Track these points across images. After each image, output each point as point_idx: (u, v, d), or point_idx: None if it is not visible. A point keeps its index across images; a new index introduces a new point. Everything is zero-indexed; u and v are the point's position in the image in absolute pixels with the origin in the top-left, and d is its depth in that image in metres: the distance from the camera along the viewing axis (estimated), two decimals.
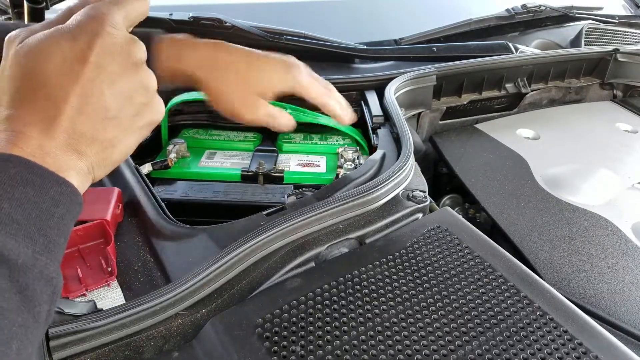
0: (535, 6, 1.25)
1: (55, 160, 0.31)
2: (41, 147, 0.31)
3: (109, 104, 0.34)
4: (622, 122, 1.02)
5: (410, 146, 0.65)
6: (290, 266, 0.52)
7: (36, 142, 0.31)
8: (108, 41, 0.33)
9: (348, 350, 0.42)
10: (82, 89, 0.32)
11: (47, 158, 0.31)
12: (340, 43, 1.06)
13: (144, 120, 0.37)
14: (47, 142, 0.31)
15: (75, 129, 0.32)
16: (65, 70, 0.32)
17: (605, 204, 0.74)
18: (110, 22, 0.34)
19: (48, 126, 0.31)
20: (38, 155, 0.31)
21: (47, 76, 0.32)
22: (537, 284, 0.50)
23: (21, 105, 0.31)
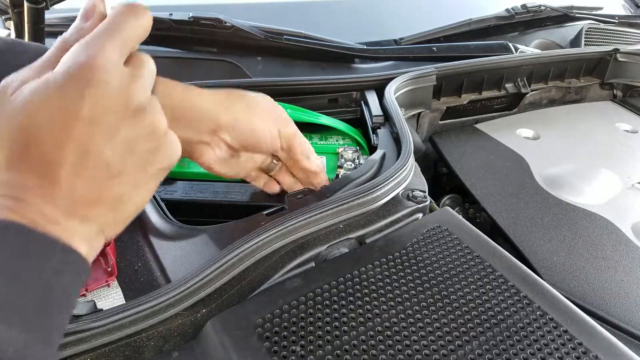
0: (535, 6, 1.25)
1: (58, 228, 0.28)
2: (42, 214, 0.28)
3: (109, 160, 0.30)
4: (622, 122, 1.02)
5: (410, 146, 0.65)
6: (290, 266, 0.52)
7: (36, 208, 0.28)
8: (101, 90, 0.29)
9: (348, 350, 0.42)
10: (78, 148, 0.29)
11: (49, 226, 0.28)
12: (340, 43, 1.06)
13: (155, 167, 0.33)
14: (48, 209, 0.28)
15: (76, 191, 0.29)
16: (57, 128, 0.28)
17: (605, 204, 0.74)
18: (102, 66, 0.29)
19: (47, 191, 0.28)
20: (40, 223, 0.28)
21: (41, 135, 0.28)
22: (537, 284, 0.50)
23: (18, 168, 0.28)
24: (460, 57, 1.02)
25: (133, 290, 0.48)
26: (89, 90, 0.29)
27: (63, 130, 0.28)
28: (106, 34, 0.30)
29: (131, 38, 0.32)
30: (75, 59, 0.29)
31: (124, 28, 0.31)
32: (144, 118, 0.32)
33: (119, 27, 0.31)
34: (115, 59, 0.30)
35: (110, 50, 0.30)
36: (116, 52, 0.30)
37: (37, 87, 0.29)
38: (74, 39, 0.32)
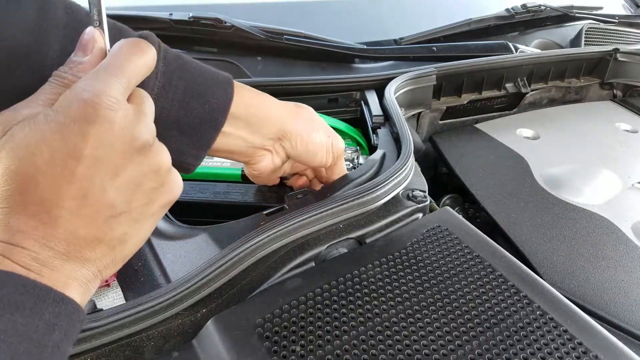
0: (535, 6, 1.25)
1: (54, 273, 0.27)
2: (37, 259, 0.26)
3: (113, 200, 0.29)
4: (622, 121, 1.02)
5: (410, 146, 0.65)
6: (290, 266, 0.52)
7: (31, 254, 0.26)
8: (105, 128, 0.28)
9: (348, 350, 0.42)
10: (79, 189, 0.27)
11: (43, 271, 0.27)
12: (340, 43, 1.06)
13: (158, 204, 0.32)
14: (43, 253, 0.27)
15: (75, 234, 0.28)
16: (57, 170, 0.27)
17: (605, 204, 0.74)
18: (106, 103, 0.28)
19: (43, 234, 0.27)
20: (34, 268, 0.26)
21: (37, 177, 0.27)
22: (537, 283, 0.50)
23: (12, 211, 0.27)
24: (460, 57, 1.02)
25: (133, 290, 0.48)
26: (93, 129, 0.27)
27: (63, 171, 0.27)
28: (111, 71, 0.29)
29: (135, 76, 0.31)
30: (78, 96, 0.28)
31: (129, 65, 0.30)
32: (149, 156, 0.31)
33: (124, 64, 0.30)
34: (120, 97, 0.29)
35: (115, 88, 0.29)
36: (121, 90, 0.29)
37: (35, 126, 0.27)
38: (71, 75, 0.31)
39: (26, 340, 0.24)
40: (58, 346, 0.25)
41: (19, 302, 0.24)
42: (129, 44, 0.31)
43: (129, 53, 0.31)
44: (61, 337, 0.26)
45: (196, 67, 0.42)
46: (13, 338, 0.23)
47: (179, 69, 0.40)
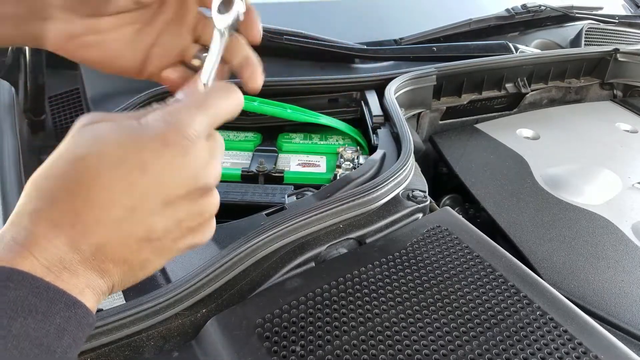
0: (535, 6, 1.25)
1: (73, 277, 0.26)
2: (62, 260, 0.25)
3: (155, 225, 0.28)
4: (622, 122, 1.02)
5: (411, 146, 0.65)
6: (290, 266, 0.52)
7: (56, 251, 0.25)
8: (178, 155, 0.28)
9: (348, 350, 0.42)
10: (131, 201, 0.27)
11: (64, 273, 0.26)
12: (340, 43, 1.06)
13: (186, 243, 0.31)
14: (69, 254, 0.26)
15: (107, 245, 0.27)
16: (119, 173, 0.26)
17: (605, 204, 0.74)
18: (187, 134, 0.28)
19: (76, 234, 0.26)
20: (55, 269, 0.25)
21: (99, 172, 0.26)
22: (537, 283, 0.50)
23: (53, 201, 0.26)
24: (460, 57, 1.02)
25: (133, 290, 0.48)
26: (168, 152, 0.27)
27: (125, 178, 0.27)
28: (200, 107, 0.30)
29: (220, 118, 0.31)
30: (165, 118, 0.28)
31: (217, 106, 0.31)
32: (204, 198, 0.30)
33: (214, 105, 0.30)
34: (201, 133, 0.29)
35: (199, 122, 0.29)
36: (204, 126, 0.29)
37: (115, 129, 0.27)
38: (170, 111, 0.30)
39: (37, 346, 0.23)
40: (66, 352, 0.25)
41: (32, 305, 0.24)
42: (219, 87, 0.32)
43: (218, 94, 0.31)
44: (70, 342, 0.25)
45: None
46: (25, 343, 0.23)
47: None
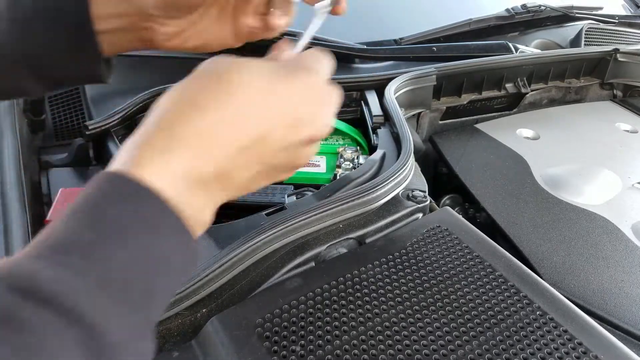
0: (535, 6, 1.25)
1: (202, 198, 0.27)
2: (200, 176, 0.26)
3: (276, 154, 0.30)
4: (622, 122, 1.02)
5: (410, 146, 0.65)
6: (290, 266, 0.52)
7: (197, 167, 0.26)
8: (319, 95, 0.32)
9: (348, 350, 0.42)
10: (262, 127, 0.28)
11: (197, 193, 0.27)
12: (340, 43, 1.06)
13: (280, 175, 0.34)
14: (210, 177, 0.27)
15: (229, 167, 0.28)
16: (259, 99, 0.28)
17: (605, 204, 0.74)
18: (324, 79, 0.33)
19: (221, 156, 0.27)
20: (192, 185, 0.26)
21: (246, 93, 0.28)
22: (537, 283, 0.50)
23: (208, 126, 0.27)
24: (460, 57, 1.02)
25: None
26: (310, 80, 0.31)
27: (266, 104, 0.29)
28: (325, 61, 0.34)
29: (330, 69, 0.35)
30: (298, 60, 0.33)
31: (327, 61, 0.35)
32: (316, 141, 0.33)
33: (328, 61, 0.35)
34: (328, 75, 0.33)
35: (326, 66, 0.34)
36: (328, 70, 0.34)
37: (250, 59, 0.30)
38: None
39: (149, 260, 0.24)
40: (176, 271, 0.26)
41: (151, 219, 0.24)
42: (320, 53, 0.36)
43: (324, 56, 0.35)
44: (178, 265, 0.26)
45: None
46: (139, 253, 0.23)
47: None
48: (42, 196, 0.63)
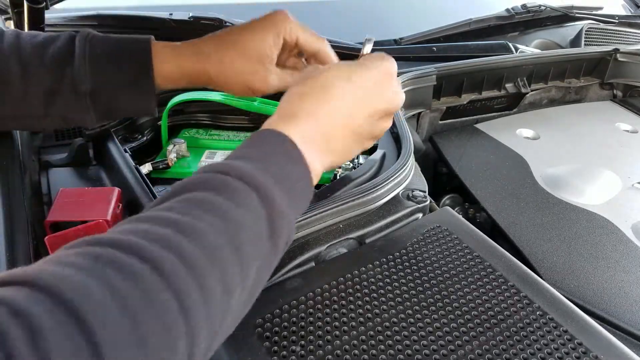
0: (535, 6, 1.25)
1: (314, 151, 0.41)
2: (313, 136, 0.41)
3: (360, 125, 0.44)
4: (622, 122, 1.02)
5: (410, 146, 0.65)
6: (290, 266, 0.52)
7: (311, 130, 0.41)
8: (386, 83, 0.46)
9: (348, 350, 0.42)
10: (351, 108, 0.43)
11: (312, 146, 0.40)
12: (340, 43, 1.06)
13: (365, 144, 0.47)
14: (319, 137, 0.41)
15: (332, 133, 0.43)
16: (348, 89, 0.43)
17: (605, 204, 0.74)
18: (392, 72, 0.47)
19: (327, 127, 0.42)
20: (308, 140, 0.40)
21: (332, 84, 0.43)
22: (537, 283, 0.50)
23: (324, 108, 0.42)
24: (460, 57, 1.02)
25: None
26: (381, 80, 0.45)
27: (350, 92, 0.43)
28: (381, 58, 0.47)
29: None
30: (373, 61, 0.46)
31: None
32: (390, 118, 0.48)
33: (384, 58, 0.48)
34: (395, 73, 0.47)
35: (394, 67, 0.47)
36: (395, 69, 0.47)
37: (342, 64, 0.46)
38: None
39: (290, 178, 0.38)
40: (302, 190, 0.39)
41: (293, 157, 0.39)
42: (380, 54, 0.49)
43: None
44: (302, 187, 0.39)
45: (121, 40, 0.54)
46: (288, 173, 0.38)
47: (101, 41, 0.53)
48: (42, 196, 0.63)
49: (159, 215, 0.30)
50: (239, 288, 0.31)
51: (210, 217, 0.31)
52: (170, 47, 0.54)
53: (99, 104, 0.54)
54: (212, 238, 0.30)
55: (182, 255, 0.27)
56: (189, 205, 0.32)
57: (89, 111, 0.54)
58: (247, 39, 0.53)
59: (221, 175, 0.34)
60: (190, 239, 0.29)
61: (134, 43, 0.54)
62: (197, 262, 0.28)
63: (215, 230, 0.30)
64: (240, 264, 0.31)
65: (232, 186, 0.34)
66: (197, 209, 0.31)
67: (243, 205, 0.33)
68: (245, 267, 0.32)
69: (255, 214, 0.34)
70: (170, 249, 0.27)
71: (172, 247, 0.27)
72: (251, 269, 0.32)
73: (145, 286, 0.25)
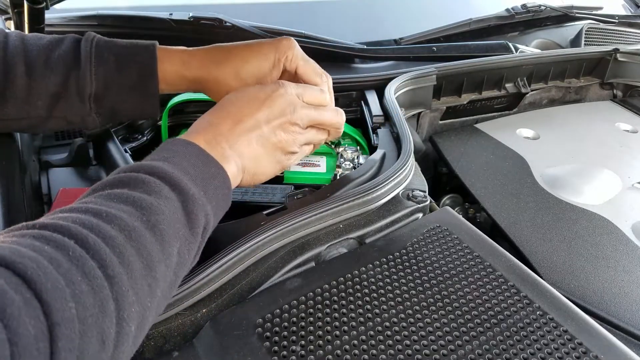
0: (535, 6, 1.25)
1: (220, 150, 0.45)
2: (215, 138, 0.45)
3: (263, 134, 0.48)
4: (622, 122, 1.02)
5: (411, 146, 0.65)
6: (290, 266, 0.52)
7: (212, 134, 0.45)
8: (278, 98, 0.49)
9: (348, 350, 0.42)
10: (251, 120, 0.48)
11: (216, 147, 0.45)
12: (340, 43, 1.06)
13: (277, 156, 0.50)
14: (223, 144, 0.45)
15: (235, 142, 0.47)
16: (244, 104, 0.48)
17: (605, 204, 0.74)
18: (286, 89, 0.50)
19: (228, 136, 0.46)
20: (212, 142, 0.45)
21: (231, 102, 0.49)
22: (537, 283, 0.50)
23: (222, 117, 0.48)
24: (461, 57, 1.02)
25: None
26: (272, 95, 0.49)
27: (246, 107, 0.48)
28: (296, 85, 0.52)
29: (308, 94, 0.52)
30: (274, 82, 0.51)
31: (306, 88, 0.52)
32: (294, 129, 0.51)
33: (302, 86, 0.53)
34: (294, 94, 0.51)
35: (293, 87, 0.51)
36: (295, 92, 0.51)
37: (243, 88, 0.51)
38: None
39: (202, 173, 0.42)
40: (216, 189, 0.42)
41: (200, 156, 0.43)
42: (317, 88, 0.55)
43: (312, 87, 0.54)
44: (219, 185, 0.43)
45: (127, 45, 0.56)
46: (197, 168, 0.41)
47: (106, 45, 0.55)
48: (42, 196, 0.63)
49: (79, 207, 0.34)
50: (162, 265, 0.35)
51: (124, 205, 0.35)
52: (175, 52, 0.57)
53: (103, 107, 0.56)
54: (127, 221, 0.33)
55: (101, 234, 0.31)
56: (106, 199, 0.35)
57: (92, 114, 0.56)
58: (246, 60, 0.55)
59: (133, 174, 0.38)
60: (107, 221, 0.33)
61: (139, 48, 0.56)
62: (115, 241, 0.32)
63: (129, 215, 0.34)
64: (159, 242, 0.35)
65: (143, 180, 0.37)
66: (114, 202, 0.35)
67: (155, 194, 0.37)
68: (166, 246, 0.35)
69: (168, 201, 0.37)
70: (92, 229, 0.31)
71: (93, 228, 0.31)
72: (172, 248, 0.36)
73: (75, 254, 0.29)
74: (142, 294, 0.32)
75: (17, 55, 0.53)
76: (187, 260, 0.39)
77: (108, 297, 0.29)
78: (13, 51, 0.53)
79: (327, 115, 0.53)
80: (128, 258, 0.32)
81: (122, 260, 0.31)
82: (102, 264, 0.30)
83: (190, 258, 0.39)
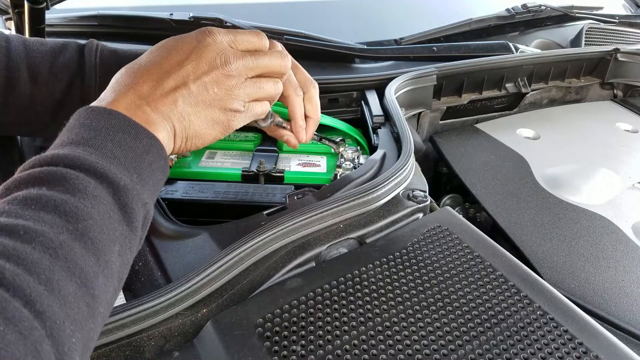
0: (535, 6, 1.25)
1: (143, 116, 0.39)
2: (135, 102, 0.39)
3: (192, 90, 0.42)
4: (622, 122, 1.02)
5: (411, 146, 0.65)
6: (291, 266, 0.52)
7: (132, 98, 0.39)
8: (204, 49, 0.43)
9: (348, 350, 0.42)
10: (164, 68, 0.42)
11: (137, 112, 0.39)
12: (340, 43, 1.06)
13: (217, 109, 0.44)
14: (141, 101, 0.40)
15: (150, 94, 0.40)
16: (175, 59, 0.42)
17: (606, 204, 0.74)
18: (214, 38, 0.43)
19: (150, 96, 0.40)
20: (131, 107, 0.39)
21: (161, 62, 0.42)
22: (537, 283, 0.50)
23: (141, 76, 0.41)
24: (461, 57, 1.03)
25: (133, 290, 0.48)
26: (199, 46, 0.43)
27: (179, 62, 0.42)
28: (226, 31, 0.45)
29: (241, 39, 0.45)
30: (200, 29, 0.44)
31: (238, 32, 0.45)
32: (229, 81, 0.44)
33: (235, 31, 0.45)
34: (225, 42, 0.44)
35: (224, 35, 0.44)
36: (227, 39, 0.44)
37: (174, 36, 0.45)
38: None
39: (132, 151, 0.36)
40: (151, 164, 0.38)
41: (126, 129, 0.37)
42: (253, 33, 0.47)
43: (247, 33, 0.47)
44: (153, 159, 0.38)
45: (129, 54, 0.55)
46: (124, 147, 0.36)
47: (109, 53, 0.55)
48: None
49: None
50: (99, 277, 0.30)
51: (46, 214, 0.30)
52: None
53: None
54: (52, 237, 0.29)
55: (21, 261, 0.26)
56: (22, 206, 0.30)
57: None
58: None
59: (51, 168, 0.33)
60: (26, 240, 0.27)
61: None
62: (38, 266, 0.27)
63: (52, 226, 0.29)
64: (92, 253, 0.30)
65: (65, 177, 0.32)
66: (31, 209, 0.30)
67: (80, 193, 0.32)
68: (102, 254, 0.31)
69: (96, 200, 0.32)
70: (9, 258, 0.26)
71: (11, 256, 0.26)
72: (109, 255, 0.32)
73: None
74: (81, 318, 0.28)
75: (20, 61, 0.52)
76: (130, 259, 0.35)
77: (41, 337, 0.25)
78: (16, 57, 0.53)
79: (265, 60, 0.46)
80: (57, 283, 0.27)
81: (51, 287, 0.27)
82: (28, 300, 0.25)
83: (133, 255, 0.36)
